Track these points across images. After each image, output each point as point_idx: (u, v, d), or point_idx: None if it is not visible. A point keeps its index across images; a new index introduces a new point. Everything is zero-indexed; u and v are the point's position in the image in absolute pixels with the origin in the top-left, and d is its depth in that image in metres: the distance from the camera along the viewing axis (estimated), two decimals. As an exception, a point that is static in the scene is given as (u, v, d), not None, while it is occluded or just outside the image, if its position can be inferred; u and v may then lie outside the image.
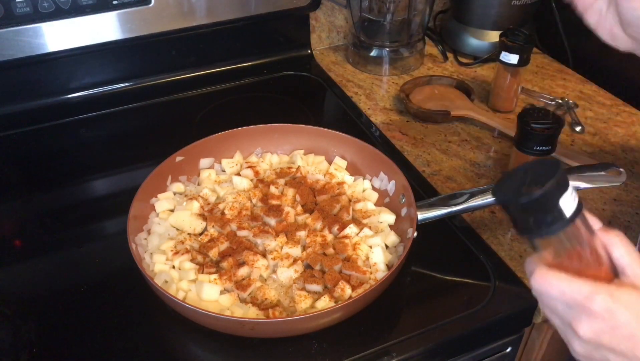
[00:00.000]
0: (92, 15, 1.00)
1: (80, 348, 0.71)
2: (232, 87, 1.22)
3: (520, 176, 0.49)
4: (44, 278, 0.81)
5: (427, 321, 0.74)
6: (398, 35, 1.25)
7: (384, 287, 0.72)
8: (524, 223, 0.49)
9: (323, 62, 1.31)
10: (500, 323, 0.75)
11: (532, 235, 0.50)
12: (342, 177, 0.90)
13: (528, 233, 0.50)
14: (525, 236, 0.51)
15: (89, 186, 1.00)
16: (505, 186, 0.49)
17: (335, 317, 0.69)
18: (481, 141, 1.07)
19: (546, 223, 0.48)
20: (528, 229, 0.49)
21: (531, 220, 0.48)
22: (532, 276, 0.51)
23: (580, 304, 0.48)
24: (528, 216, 0.49)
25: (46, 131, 1.09)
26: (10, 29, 0.96)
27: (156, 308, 0.74)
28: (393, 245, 0.80)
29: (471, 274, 0.81)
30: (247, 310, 0.70)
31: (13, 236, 0.89)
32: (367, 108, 1.16)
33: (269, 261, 0.77)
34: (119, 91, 1.17)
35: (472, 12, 1.27)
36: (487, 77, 1.24)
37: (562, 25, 1.26)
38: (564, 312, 0.50)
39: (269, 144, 0.96)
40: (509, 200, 0.49)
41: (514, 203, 0.48)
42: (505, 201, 0.49)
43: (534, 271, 0.51)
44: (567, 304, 0.49)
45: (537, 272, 0.51)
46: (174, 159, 0.88)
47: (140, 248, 0.78)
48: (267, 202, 0.85)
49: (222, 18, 1.12)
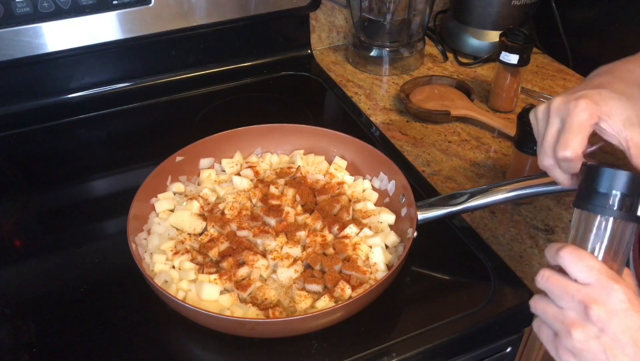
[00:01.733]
0: (92, 15, 1.00)
1: (80, 348, 0.71)
2: (232, 87, 1.22)
3: None
4: (44, 278, 0.81)
5: (427, 321, 0.74)
6: (398, 35, 1.25)
7: (384, 287, 0.72)
8: (600, 195, 0.52)
9: (323, 62, 1.31)
10: (500, 323, 0.76)
11: (597, 209, 0.52)
12: (342, 177, 0.90)
13: (595, 204, 0.52)
14: (587, 208, 0.53)
15: (89, 186, 1.00)
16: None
17: (335, 317, 0.69)
18: (481, 141, 1.07)
19: (623, 204, 0.51)
20: (600, 200, 0.52)
21: (610, 194, 0.52)
22: (564, 248, 0.52)
23: (606, 282, 0.50)
24: (610, 189, 0.52)
25: (46, 131, 1.09)
26: (10, 29, 0.96)
27: (156, 308, 0.74)
28: (393, 245, 0.80)
29: (471, 274, 0.81)
30: (247, 310, 0.70)
31: (13, 236, 0.89)
32: (367, 108, 1.16)
33: (269, 261, 0.77)
34: (119, 91, 1.17)
35: (472, 12, 1.27)
36: (487, 77, 1.24)
37: (562, 25, 1.26)
38: (577, 292, 0.50)
39: (269, 144, 0.96)
40: (604, 165, 0.52)
41: (609, 171, 0.52)
42: (598, 165, 0.53)
43: (564, 246, 0.52)
44: (590, 281, 0.50)
45: (571, 246, 0.52)
46: (174, 159, 0.88)
47: (140, 248, 0.78)
48: (267, 202, 0.85)
49: (222, 18, 1.12)
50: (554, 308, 0.53)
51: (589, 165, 0.55)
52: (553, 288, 0.53)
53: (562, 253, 0.52)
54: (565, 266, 0.52)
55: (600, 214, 0.52)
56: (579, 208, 0.54)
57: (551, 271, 0.53)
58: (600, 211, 0.52)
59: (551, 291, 0.53)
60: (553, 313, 0.53)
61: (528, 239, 0.86)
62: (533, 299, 0.56)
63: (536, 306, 0.55)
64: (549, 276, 0.53)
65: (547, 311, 0.53)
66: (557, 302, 0.52)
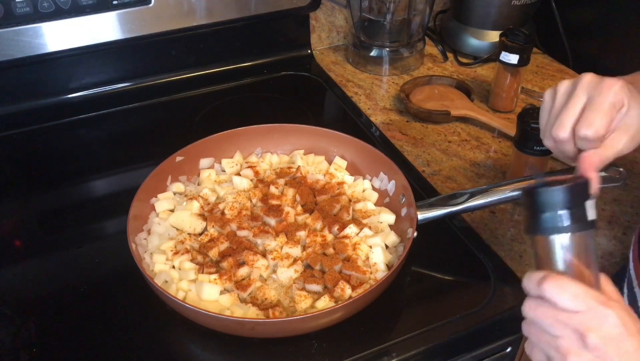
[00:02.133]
0: (92, 15, 1.00)
1: (80, 348, 0.71)
2: (232, 87, 1.22)
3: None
4: (44, 278, 0.81)
5: (427, 321, 0.74)
6: (398, 35, 1.25)
7: (384, 287, 0.72)
8: (546, 217, 0.51)
9: (323, 62, 1.31)
10: (500, 323, 0.75)
11: (549, 230, 0.51)
12: (342, 178, 0.90)
13: (545, 227, 0.51)
14: (539, 233, 0.52)
15: (89, 186, 1.00)
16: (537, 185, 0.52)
17: (335, 317, 0.69)
18: (481, 141, 1.07)
19: (572, 217, 0.50)
20: (548, 222, 0.51)
21: (556, 212, 0.50)
22: (546, 281, 0.49)
23: (596, 308, 0.48)
24: (553, 209, 0.50)
25: (46, 131, 1.09)
26: (10, 29, 0.96)
27: (156, 308, 0.74)
28: (393, 245, 0.80)
29: (471, 274, 0.81)
30: (247, 310, 0.70)
31: (13, 236, 0.89)
32: (367, 108, 1.16)
33: (269, 261, 0.77)
34: (119, 91, 1.17)
35: (472, 12, 1.27)
36: (487, 77, 1.24)
37: (562, 25, 1.26)
38: (569, 320, 0.49)
39: (269, 144, 0.96)
40: (540, 187, 0.51)
41: (545, 191, 0.50)
42: (534, 188, 0.51)
43: (546, 277, 0.49)
44: (580, 309, 0.48)
45: (550, 276, 0.49)
46: (174, 159, 0.88)
47: (140, 248, 0.78)
48: (267, 202, 0.85)
49: (222, 18, 1.12)
50: (546, 334, 0.51)
51: (527, 189, 0.52)
52: (543, 319, 0.50)
53: (545, 287, 0.49)
54: (550, 299, 0.50)
55: (557, 234, 0.51)
56: (533, 234, 0.53)
57: (536, 300, 0.51)
58: (556, 232, 0.51)
59: (541, 322, 0.51)
60: (547, 340, 0.50)
61: (528, 239, 0.86)
62: (523, 322, 0.53)
63: (528, 329, 0.53)
64: (537, 306, 0.51)
65: (540, 338, 0.51)
66: (549, 331, 0.50)
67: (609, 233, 0.88)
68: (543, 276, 0.50)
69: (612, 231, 0.88)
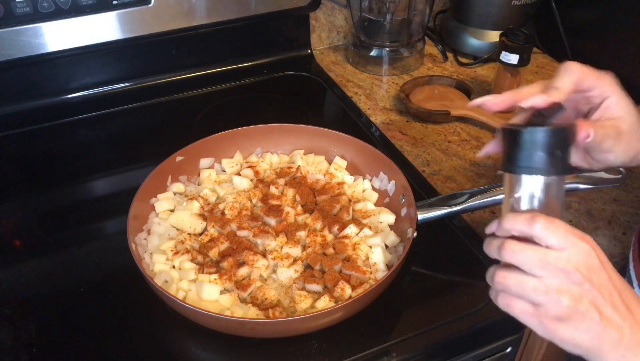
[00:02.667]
0: (92, 15, 1.00)
1: (80, 348, 0.71)
2: (232, 87, 1.22)
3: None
4: (44, 278, 0.81)
5: (427, 321, 0.74)
6: (398, 35, 1.25)
7: (384, 287, 0.72)
8: (528, 155, 0.51)
9: (323, 62, 1.31)
10: (500, 323, 0.75)
11: (533, 170, 0.52)
12: (342, 178, 0.90)
13: (530, 166, 0.52)
14: (522, 172, 0.52)
15: (89, 186, 1.00)
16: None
17: (335, 317, 0.69)
18: (481, 141, 1.07)
19: (557, 160, 0.51)
20: (534, 162, 0.51)
21: (537, 154, 0.51)
22: (538, 219, 0.50)
23: (578, 243, 0.50)
24: (535, 150, 0.51)
25: (46, 131, 1.09)
26: (10, 29, 0.96)
27: (156, 308, 0.74)
28: (393, 245, 0.80)
29: (471, 274, 0.81)
30: (247, 310, 0.70)
31: (13, 236, 0.89)
32: (367, 108, 1.16)
33: (269, 261, 0.77)
34: (119, 91, 1.17)
35: (472, 12, 1.27)
36: (487, 77, 1.24)
37: (562, 25, 1.26)
38: (558, 259, 0.50)
39: (269, 144, 0.96)
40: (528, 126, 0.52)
41: (536, 131, 0.51)
42: (522, 127, 0.52)
43: (535, 216, 0.50)
44: (566, 246, 0.50)
45: (540, 215, 0.50)
46: (174, 159, 0.88)
47: (140, 248, 0.78)
48: (267, 202, 0.85)
49: (222, 18, 1.12)
50: (530, 279, 0.50)
51: (510, 128, 0.53)
52: (529, 260, 0.50)
53: (537, 226, 0.50)
54: (539, 237, 0.50)
55: (540, 175, 0.52)
56: (510, 172, 0.53)
57: (517, 242, 0.51)
58: (540, 173, 0.51)
59: (527, 263, 0.50)
60: (533, 285, 0.50)
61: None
62: (496, 275, 0.52)
63: (505, 282, 0.52)
64: (522, 248, 0.50)
65: (524, 286, 0.51)
66: (534, 272, 0.50)
67: (609, 233, 0.88)
68: (532, 216, 0.51)
69: (612, 231, 0.88)
